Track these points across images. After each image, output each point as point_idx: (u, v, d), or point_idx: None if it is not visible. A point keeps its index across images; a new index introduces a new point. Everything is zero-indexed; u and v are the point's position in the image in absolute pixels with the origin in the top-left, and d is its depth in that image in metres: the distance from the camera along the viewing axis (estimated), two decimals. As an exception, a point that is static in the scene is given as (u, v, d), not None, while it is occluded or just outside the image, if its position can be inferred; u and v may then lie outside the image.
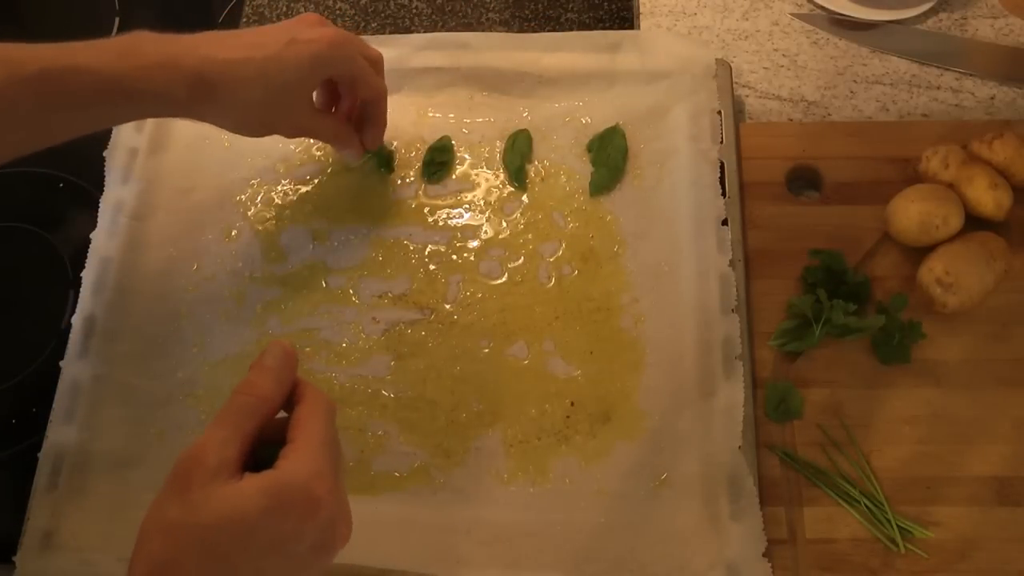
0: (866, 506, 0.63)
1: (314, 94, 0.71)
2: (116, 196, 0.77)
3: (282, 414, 0.50)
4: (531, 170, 0.77)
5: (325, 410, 0.49)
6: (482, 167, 0.78)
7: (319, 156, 0.79)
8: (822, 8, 0.86)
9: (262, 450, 0.48)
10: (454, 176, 0.78)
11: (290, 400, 0.50)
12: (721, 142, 0.75)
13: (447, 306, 0.73)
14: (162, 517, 0.45)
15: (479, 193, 0.77)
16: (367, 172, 0.78)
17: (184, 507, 0.44)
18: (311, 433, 0.47)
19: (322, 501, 0.45)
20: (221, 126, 0.66)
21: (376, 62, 0.70)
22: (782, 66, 0.83)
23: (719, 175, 0.73)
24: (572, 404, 0.68)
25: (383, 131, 0.73)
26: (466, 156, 0.78)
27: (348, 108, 0.72)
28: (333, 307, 0.73)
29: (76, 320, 0.72)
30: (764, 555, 0.61)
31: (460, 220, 0.76)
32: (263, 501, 0.44)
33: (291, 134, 0.71)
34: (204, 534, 0.44)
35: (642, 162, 0.76)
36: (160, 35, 0.63)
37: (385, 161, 0.77)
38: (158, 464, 0.68)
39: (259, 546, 0.44)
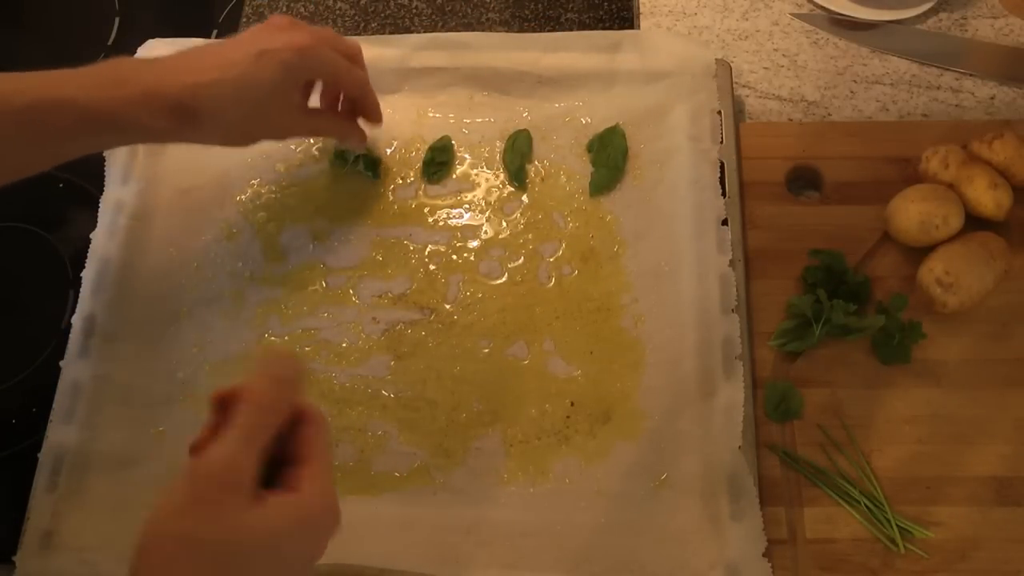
0: (866, 506, 0.63)
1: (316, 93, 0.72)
2: (116, 196, 0.77)
3: None
4: (531, 170, 0.77)
5: (327, 428, 0.49)
6: (482, 167, 0.78)
7: (319, 156, 0.79)
8: (822, 8, 0.86)
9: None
10: (454, 176, 0.78)
11: None
12: (721, 142, 0.75)
13: (447, 306, 0.73)
14: (183, 531, 0.43)
15: (479, 193, 0.77)
16: (366, 172, 0.78)
17: (214, 526, 0.43)
18: (322, 452, 0.47)
19: (336, 521, 0.47)
20: (207, 143, 0.67)
21: (354, 55, 0.71)
22: (782, 66, 0.83)
23: (719, 175, 0.73)
24: (572, 404, 0.68)
25: (378, 115, 0.73)
26: (466, 156, 0.79)
27: (332, 101, 0.73)
28: (333, 307, 0.73)
29: (76, 320, 0.72)
30: (764, 555, 0.61)
31: (460, 220, 0.76)
32: (293, 524, 0.45)
33: (281, 137, 0.73)
34: (218, 559, 0.43)
35: (642, 162, 0.76)
36: (139, 61, 0.65)
37: (372, 165, 0.77)
38: (158, 464, 0.68)
39: (269, 564, 0.45)
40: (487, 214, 0.76)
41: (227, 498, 0.43)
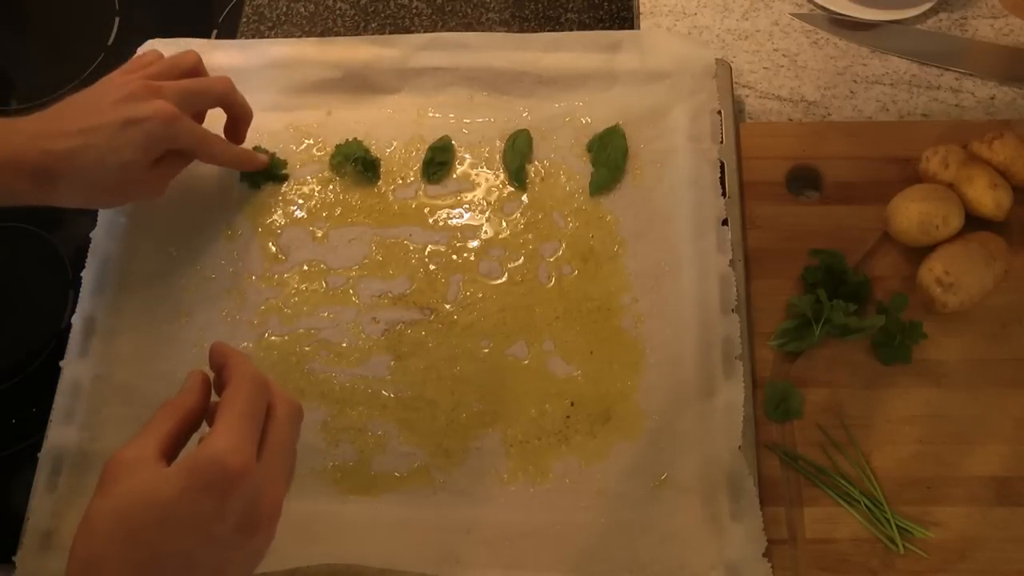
0: (866, 506, 0.63)
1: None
2: (116, 196, 0.77)
3: None
4: (531, 170, 0.77)
5: (249, 389, 0.49)
6: (482, 167, 0.78)
7: (319, 156, 0.79)
8: (822, 8, 0.86)
9: None
10: (454, 176, 0.78)
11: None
12: (721, 142, 0.75)
13: (447, 306, 0.73)
14: (87, 517, 0.45)
15: (479, 193, 0.77)
16: (366, 172, 0.78)
17: (105, 501, 0.45)
18: (229, 413, 0.48)
19: (238, 475, 0.45)
20: (70, 205, 0.68)
21: (223, 91, 0.72)
22: (782, 66, 0.83)
23: (719, 175, 0.73)
24: (572, 404, 0.68)
25: (247, 159, 0.76)
26: (466, 156, 0.78)
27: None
28: (333, 307, 0.73)
29: (76, 320, 0.72)
30: (764, 555, 0.61)
31: (460, 220, 0.76)
32: (180, 481, 0.45)
33: (152, 195, 0.71)
34: (125, 521, 0.44)
35: (642, 162, 0.76)
36: (3, 122, 0.65)
37: (372, 165, 0.77)
38: (158, 464, 0.68)
39: (180, 527, 0.44)
40: (487, 214, 0.76)
41: (118, 477, 0.46)
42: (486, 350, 0.71)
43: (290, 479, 0.50)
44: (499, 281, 0.73)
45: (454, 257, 0.74)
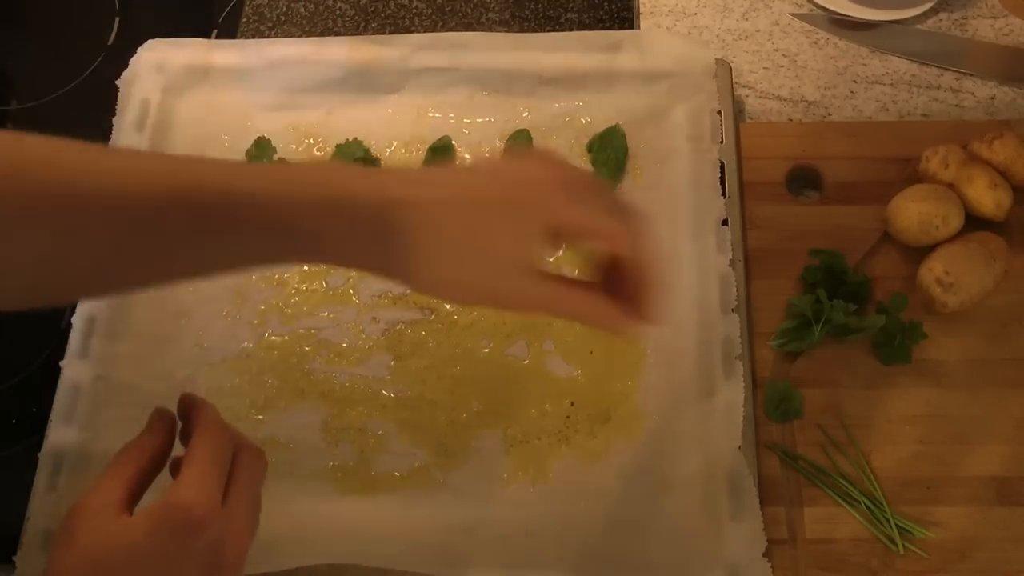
0: (866, 506, 0.63)
1: None
2: (116, 196, 0.77)
3: None
4: (531, 170, 0.77)
5: (214, 436, 0.50)
6: (482, 167, 0.78)
7: (319, 156, 0.79)
8: (822, 8, 0.86)
9: None
10: (454, 176, 0.78)
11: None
12: (721, 142, 0.75)
13: (447, 306, 0.73)
14: (53, 565, 0.46)
15: (479, 193, 0.77)
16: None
17: (74, 551, 0.45)
18: (195, 459, 0.48)
19: (203, 520, 0.46)
20: (412, 285, 0.48)
21: (621, 213, 0.51)
22: (782, 66, 0.83)
23: (719, 175, 0.73)
24: (572, 404, 0.68)
25: (654, 297, 0.51)
26: (466, 156, 0.78)
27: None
28: (333, 307, 0.73)
29: (76, 320, 0.72)
30: (764, 555, 0.61)
31: (460, 220, 0.76)
32: (147, 525, 0.45)
33: (507, 302, 0.51)
34: (94, 567, 0.45)
35: (642, 162, 0.76)
36: (349, 167, 0.51)
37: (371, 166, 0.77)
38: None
39: (147, 567, 0.45)
40: (487, 214, 0.76)
41: (84, 526, 0.46)
42: (486, 350, 0.71)
43: (255, 524, 0.50)
44: (499, 281, 0.73)
45: (454, 257, 0.74)
